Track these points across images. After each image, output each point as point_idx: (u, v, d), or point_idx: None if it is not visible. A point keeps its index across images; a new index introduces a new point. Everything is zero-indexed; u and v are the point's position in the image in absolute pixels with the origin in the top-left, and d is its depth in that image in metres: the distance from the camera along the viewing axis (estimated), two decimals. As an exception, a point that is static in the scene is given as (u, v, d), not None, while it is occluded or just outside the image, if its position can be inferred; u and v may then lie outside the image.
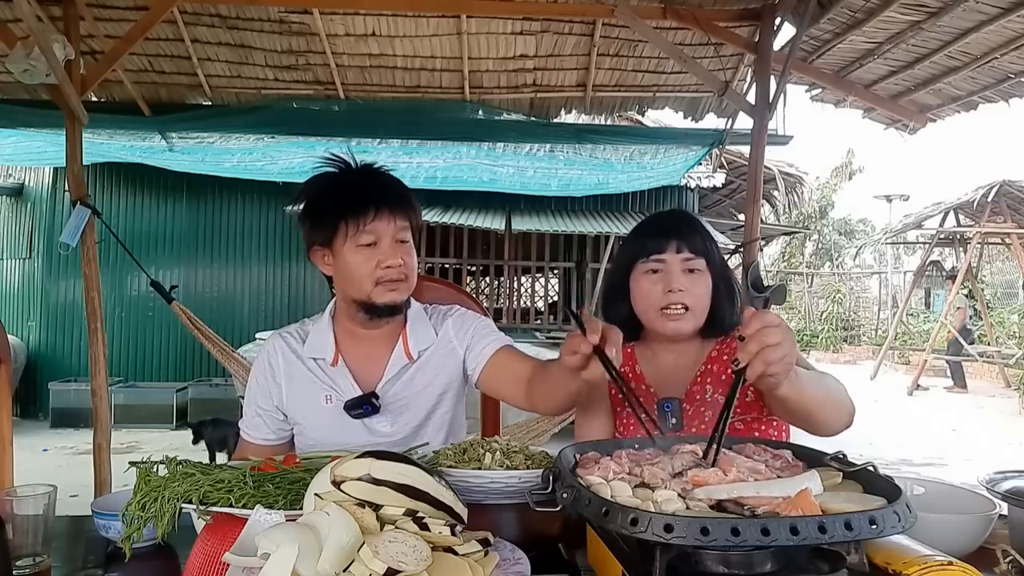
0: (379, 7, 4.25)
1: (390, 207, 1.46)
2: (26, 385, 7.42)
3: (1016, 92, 4.10)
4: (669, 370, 1.57)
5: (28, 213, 8.14)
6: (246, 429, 1.62)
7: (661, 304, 1.48)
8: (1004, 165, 48.66)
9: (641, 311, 1.53)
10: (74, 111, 3.72)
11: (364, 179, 1.52)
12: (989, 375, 11.58)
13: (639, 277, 1.51)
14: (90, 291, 3.83)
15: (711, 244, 1.52)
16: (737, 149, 7.09)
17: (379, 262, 1.46)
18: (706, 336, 1.55)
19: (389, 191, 1.50)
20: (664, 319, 1.48)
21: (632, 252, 1.54)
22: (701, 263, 1.49)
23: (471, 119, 5.11)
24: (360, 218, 1.44)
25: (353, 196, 1.47)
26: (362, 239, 1.45)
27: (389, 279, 1.47)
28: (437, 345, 1.61)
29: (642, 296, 1.51)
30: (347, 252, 1.47)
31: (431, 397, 1.60)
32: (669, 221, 1.56)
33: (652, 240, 1.51)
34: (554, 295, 11.27)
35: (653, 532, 0.77)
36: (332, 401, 1.54)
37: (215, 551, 0.94)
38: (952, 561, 0.90)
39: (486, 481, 1.14)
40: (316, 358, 1.57)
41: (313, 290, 8.08)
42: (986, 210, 10.79)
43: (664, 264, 1.48)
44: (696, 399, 1.52)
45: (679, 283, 1.46)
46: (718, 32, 4.08)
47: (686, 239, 1.49)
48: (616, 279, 1.57)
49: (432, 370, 1.60)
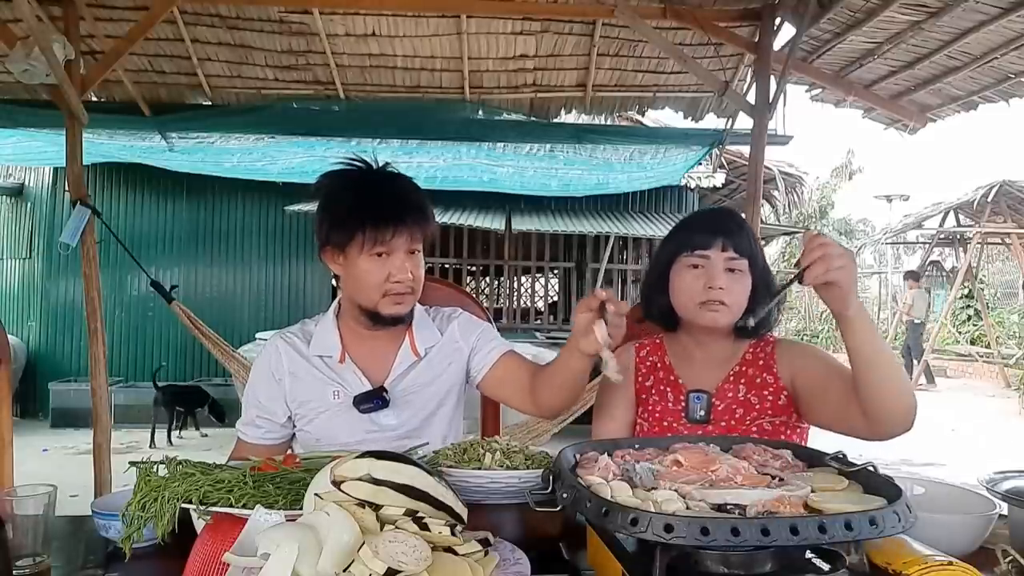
0: (379, 7, 4.25)
1: (408, 221, 1.47)
2: (26, 385, 7.42)
3: (1016, 92, 4.10)
4: (699, 365, 1.58)
5: (28, 213, 8.14)
6: (243, 429, 1.62)
7: (701, 299, 1.48)
8: (1004, 165, 48.68)
9: (680, 303, 1.53)
10: (74, 111, 3.72)
11: (385, 188, 1.52)
12: (989, 375, 11.58)
13: (681, 270, 1.52)
14: (90, 291, 3.83)
15: (756, 245, 1.52)
16: (737, 149, 7.08)
17: (389, 274, 1.48)
18: (740, 336, 1.56)
19: (408, 203, 1.50)
20: (702, 310, 1.48)
21: (676, 245, 1.54)
22: (744, 264, 1.49)
23: (471, 119, 5.11)
24: (378, 232, 1.45)
25: (373, 207, 1.47)
26: (376, 250, 1.47)
27: (397, 292, 1.50)
28: (443, 344, 1.63)
29: (682, 289, 1.51)
30: (360, 260, 1.48)
31: (437, 393, 1.62)
32: (717, 218, 1.56)
33: (698, 235, 1.51)
34: (554, 295, 11.26)
35: (653, 532, 0.77)
36: (340, 397, 1.56)
37: (215, 551, 0.94)
38: (952, 561, 0.90)
39: (486, 481, 1.14)
40: (323, 356, 1.59)
41: (313, 290, 8.09)
42: (986, 210, 10.79)
43: (708, 260, 1.48)
44: (728, 396, 1.53)
45: (720, 280, 1.47)
46: (718, 32, 4.08)
47: (732, 238, 1.49)
48: (657, 271, 1.58)
49: (439, 367, 1.62)
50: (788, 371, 1.52)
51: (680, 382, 1.58)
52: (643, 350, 1.65)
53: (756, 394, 1.52)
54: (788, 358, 1.53)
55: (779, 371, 1.53)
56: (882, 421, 1.28)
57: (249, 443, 1.60)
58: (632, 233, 7.88)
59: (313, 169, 6.14)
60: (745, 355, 1.56)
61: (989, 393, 10.72)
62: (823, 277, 1.14)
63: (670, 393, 1.58)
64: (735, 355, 1.57)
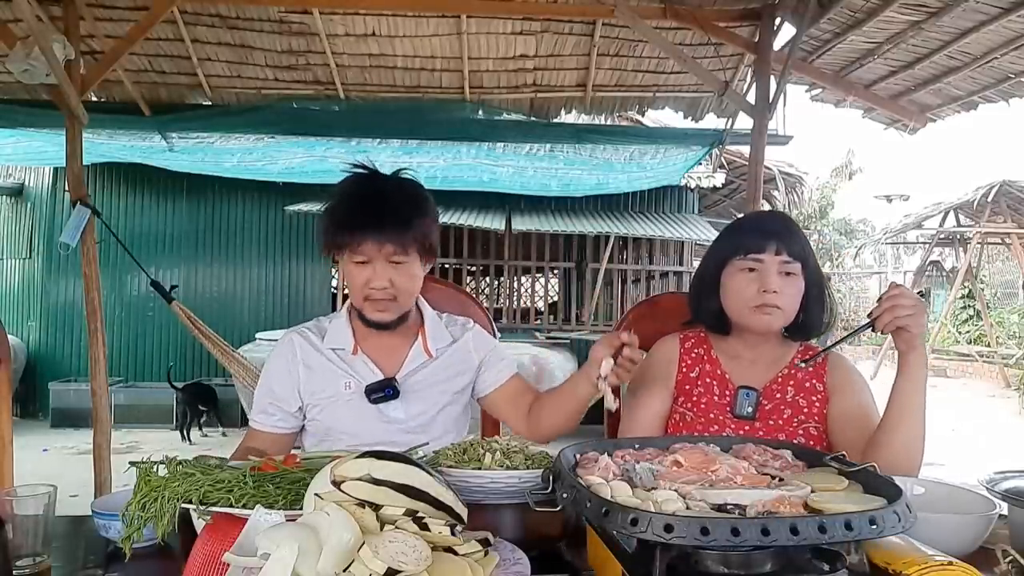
0: (379, 7, 4.25)
1: (387, 231, 1.50)
2: (26, 385, 7.41)
3: (1016, 92, 4.10)
4: (747, 364, 1.58)
5: (28, 213, 8.13)
6: (255, 418, 1.65)
7: (754, 303, 1.48)
8: (1004, 165, 48.60)
9: (732, 307, 1.53)
10: (74, 111, 3.72)
11: (375, 197, 1.55)
12: (989, 375, 11.58)
13: (734, 273, 1.52)
14: (90, 291, 3.83)
15: (808, 249, 1.53)
16: (737, 149, 7.08)
17: (368, 280, 1.53)
18: (791, 338, 1.58)
19: (393, 214, 1.52)
20: (756, 313, 1.49)
21: (729, 249, 1.54)
22: (797, 267, 1.50)
23: (471, 119, 5.11)
24: (355, 240, 1.51)
25: (355, 216, 1.52)
26: (356, 257, 1.53)
27: (375, 298, 1.55)
28: (456, 348, 1.70)
29: (735, 292, 1.52)
30: (346, 265, 1.57)
31: (446, 393, 1.67)
32: (770, 221, 1.57)
33: (751, 239, 1.51)
34: (554, 295, 11.26)
35: (653, 532, 0.77)
36: (351, 387, 1.61)
37: (215, 551, 0.94)
38: (952, 561, 0.90)
39: (486, 481, 1.14)
40: (336, 348, 1.64)
41: (313, 290, 8.08)
42: (986, 210, 10.79)
43: (762, 264, 1.48)
44: (776, 396, 1.54)
45: (774, 284, 1.47)
46: (718, 32, 4.08)
47: (786, 242, 1.49)
48: (708, 274, 1.58)
49: (451, 370, 1.68)
50: (832, 384, 1.54)
51: (727, 377, 1.58)
52: (688, 341, 1.65)
53: (805, 398, 1.53)
54: (838, 374, 1.56)
55: (827, 380, 1.55)
56: (897, 463, 1.31)
57: (261, 431, 1.64)
58: (632, 233, 7.88)
59: (313, 169, 6.14)
60: (794, 359, 1.57)
61: (989, 393, 10.72)
62: (892, 325, 1.30)
63: (716, 387, 1.57)
64: (784, 358, 1.58)
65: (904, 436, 1.34)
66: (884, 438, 1.35)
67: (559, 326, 8.38)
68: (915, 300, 1.30)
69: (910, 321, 1.29)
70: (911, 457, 1.34)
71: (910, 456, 1.34)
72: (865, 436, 1.40)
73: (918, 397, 1.34)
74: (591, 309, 8.41)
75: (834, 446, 1.47)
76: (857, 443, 1.36)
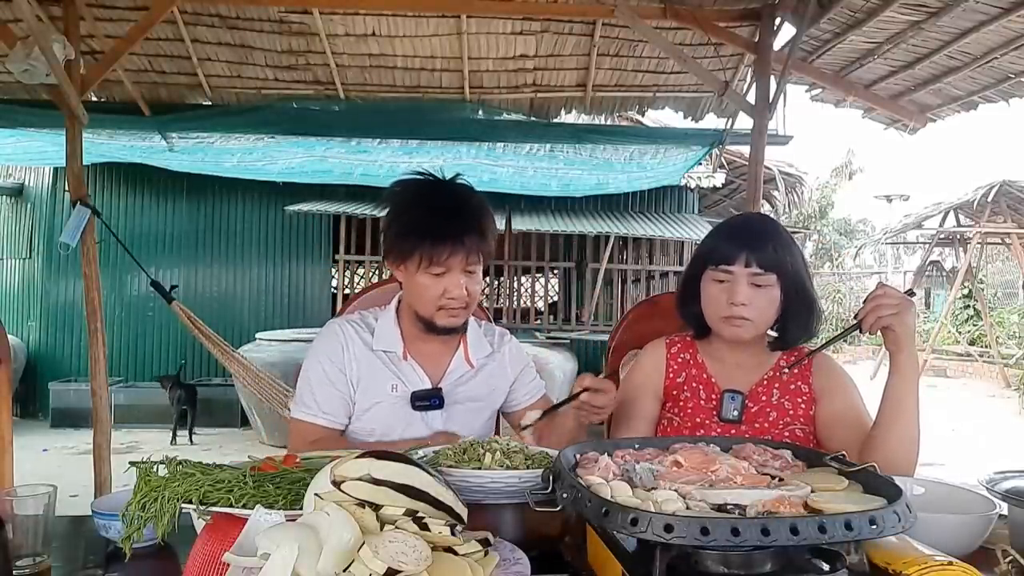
0: (379, 7, 4.25)
1: (466, 242, 1.51)
2: (26, 385, 7.41)
3: (1016, 92, 4.10)
4: (732, 367, 1.59)
5: (28, 213, 8.13)
6: (306, 410, 1.60)
7: (723, 313, 1.49)
8: (1004, 165, 48.61)
9: (707, 315, 1.55)
10: (74, 111, 3.72)
11: (448, 207, 1.54)
12: (989, 375, 11.58)
13: (708, 282, 1.53)
14: (90, 291, 3.83)
15: (785, 255, 1.48)
16: (737, 149, 7.09)
17: (445, 290, 1.53)
18: (774, 348, 1.57)
19: (469, 224, 1.53)
20: (726, 324, 1.50)
21: (705, 256, 1.54)
22: (770, 278, 1.47)
23: (471, 119, 5.11)
24: (435, 252, 1.50)
25: (433, 227, 1.51)
26: (433, 269, 1.52)
27: (451, 307, 1.55)
28: (493, 359, 1.72)
29: (708, 301, 1.53)
30: (418, 275, 1.54)
31: (485, 412, 1.71)
32: (742, 230, 1.54)
33: (724, 248, 1.50)
34: (554, 295, 11.26)
35: (653, 532, 0.77)
36: (397, 390, 1.61)
37: (215, 551, 0.94)
38: (952, 561, 0.90)
39: (486, 481, 1.14)
40: (387, 351, 1.64)
41: (313, 290, 8.07)
42: (986, 210, 10.78)
43: (731, 276, 1.48)
44: (762, 399, 1.54)
45: (742, 296, 1.46)
46: (718, 32, 4.08)
47: (756, 252, 1.46)
48: (690, 279, 1.59)
49: (489, 384, 1.71)
50: (818, 387, 1.54)
51: (713, 381, 1.58)
52: (674, 346, 1.65)
53: (790, 400, 1.53)
54: (824, 376, 1.55)
55: (813, 383, 1.54)
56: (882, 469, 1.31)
57: (317, 424, 1.59)
58: (632, 233, 7.88)
59: (313, 169, 6.15)
60: (779, 360, 1.57)
61: (989, 393, 10.71)
62: (877, 324, 1.31)
63: (703, 391, 1.58)
64: (768, 360, 1.58)
65: (898, 435, 1.35)
66: (878, 438, 1.36)
67: (559, 326, 8.39)
68: (899, 299, 1.30)
69: (894, 320, 1.30)
70: (906, 456, 1.35)
71: (905, 455, 1.35)
72: (856, 436, 1.41)
73: (910, 397, 1.35)
74: (591, 309, 8.41)
75: (823, 448, 1.47)
76: (849, 444, 1.35)
